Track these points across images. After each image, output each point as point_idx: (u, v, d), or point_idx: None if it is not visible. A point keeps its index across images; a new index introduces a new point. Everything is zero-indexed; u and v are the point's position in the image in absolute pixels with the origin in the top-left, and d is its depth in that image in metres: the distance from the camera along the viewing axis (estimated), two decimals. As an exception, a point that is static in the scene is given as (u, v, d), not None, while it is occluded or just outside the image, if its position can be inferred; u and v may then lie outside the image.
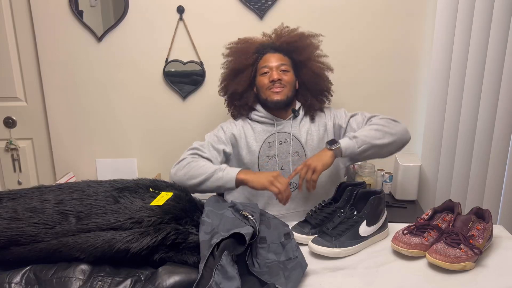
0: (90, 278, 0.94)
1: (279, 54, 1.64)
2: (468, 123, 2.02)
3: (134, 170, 2.36)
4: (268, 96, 1.62)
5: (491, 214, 1.23)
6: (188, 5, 2.14)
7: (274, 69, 1.61)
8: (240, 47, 1.70)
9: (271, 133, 1.65)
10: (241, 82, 1.66)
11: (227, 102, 1.76)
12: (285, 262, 1.06)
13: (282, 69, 1.62)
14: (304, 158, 1.63)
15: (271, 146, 1.64)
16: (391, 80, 2.19)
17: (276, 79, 1.59)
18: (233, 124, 1.70)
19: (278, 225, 1.17)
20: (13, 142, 2.36)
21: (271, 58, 1.63)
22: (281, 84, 1.60)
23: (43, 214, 1.04)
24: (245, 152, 1.64)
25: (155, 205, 1.07)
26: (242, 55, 1.66)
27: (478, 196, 2.06)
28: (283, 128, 1.65)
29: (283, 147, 1.64)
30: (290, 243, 1.11)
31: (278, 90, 1.60)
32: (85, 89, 2.28)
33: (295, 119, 1.67)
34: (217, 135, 1.66)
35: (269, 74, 1.62)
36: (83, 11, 2.17)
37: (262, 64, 1.64)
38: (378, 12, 2.11)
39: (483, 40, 1.91)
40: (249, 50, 1.66)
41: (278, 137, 1.64)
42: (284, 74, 1.62)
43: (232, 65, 1.69)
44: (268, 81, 1.61)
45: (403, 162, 2.09)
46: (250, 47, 1.67)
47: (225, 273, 0.91)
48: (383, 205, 1.27)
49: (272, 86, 1.60)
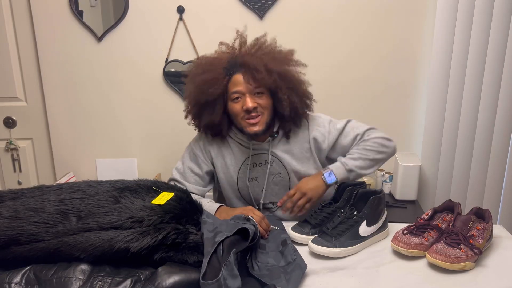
0: (90, 278, 0.94)
1: (247, 74, 1.38)
2: (468, 123, 2.02)
3: (134, 170, 2.36)
4: (245, 127, 1.41)
5: (491, 214, 1.23)
6: (188, 5, 2.14)
7: (247, 95, 1.37)
8: (207, 76, 1.40)
9: (249, 155, 1.49)
10: (214, 113, 1.43)
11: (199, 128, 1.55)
12: (285, 266, 1.07)
13: (256, 92, 1.38)
14: (287, 178, 1.49)
15: (251, 168, 1.49)
16: (391, 80, 2.19)
17: (251, 107, 1.36)
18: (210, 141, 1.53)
19: (275, 237, 1.19)
20: (13, 142, 2.36)
21: (239, 81, 1.38)
22: (257, 112, 1.38)
23: (44, 213, 1.04)
24: (222, 173, 1.51)
25: (156, 205, 1.08)
26: (211, 86, 1.39)
27: (478, 196, 2.06)
28: (261, 150, 1.49)
29: (263, 168, 1.49)
30: (287, 248, 1.13)
31: (255, 121, 1.38)
32: (85, 89, 2.28)
33: (274, 140, 1.49)
34: (194, 155, 1.52)
35: (241, 100, 1.38)
36: (83, 11, 2.17)
37: (232, 89, 1.39)
38: (378, 12, 2.11)
39: (483, 40, 1.91)
40: (217, 77, 1.39)
41: (257, 160, 1.49)
42: (259, 98, 1.39)
43: (200, 97, 1.42)
44: (241, 109, 1.38)
45: (403, 162, 2.09)
46: (217, 72, 1.40)
47: (231, 270, 0.92)
48: (383, 205, 1.27)
49: (248, 116, 1.38)
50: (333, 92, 2.24)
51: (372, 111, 2.25)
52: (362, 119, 2.24)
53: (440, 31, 2.00)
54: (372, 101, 2.23)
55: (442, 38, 2.00)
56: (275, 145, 1.49)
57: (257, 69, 1.36)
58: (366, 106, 2.24)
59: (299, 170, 1.49)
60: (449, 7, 1.96)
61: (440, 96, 2.07)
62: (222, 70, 1.40)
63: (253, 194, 1.51)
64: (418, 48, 2.14)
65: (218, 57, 1.45)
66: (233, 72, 1.39)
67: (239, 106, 1.39)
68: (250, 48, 1.45)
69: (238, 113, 1.40)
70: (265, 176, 1.49)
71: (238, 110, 1.40)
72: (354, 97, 2.23)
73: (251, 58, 1.39)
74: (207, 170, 1.51)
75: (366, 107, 2.24)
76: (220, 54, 1.46)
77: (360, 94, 2.22)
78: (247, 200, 1.53)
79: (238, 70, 1.39)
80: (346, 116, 2.23)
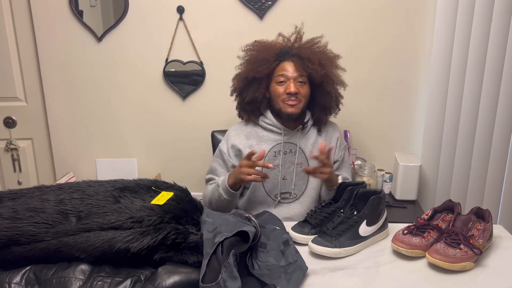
0: (90, 278, 0.94)
1: (297, 63, 1.56)
2: (468, 123, 2.02)
3: (134, 170, 2.36)
4: (282, 107, 1.57)
5: (491, 214, 1.23)
6: (188, 5, 2.14)
7: (292, 80, 1.55)
8: (259, 56, 1.59)
9: (277, 142, 1.62)
10: (258, 90, 1.60)
11: (238, 105, 1.70)
12: (285, 266, 1.07)
13: (299, 81, 1.56)
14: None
15: (276, 156, 1.62)
16: (391, 80, 2.19)
17: (293, 92, 1.53)
18: (235, 134, 1.67)
19: (277, 236, 1.19)
20: (13, 142, 2.36)
21: (288, 67, 1.56)
22: (297, 98, 1.55)
23: (44, 214, 1.04)
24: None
25: (155, 205, 1.08)
26: (261, 65, 1.57)
27: (478, 196, 2.06)
28: (289, 139, 1.63)
29: (287, 157, 1.62)
30: (289, 249, 1.13)
31: (293, 103, 1.55)
32: (85, 89, 2.28)
33: (303, 130, 1.64)
34: (220, 152, 1.67)
35: (285, 84, 1.56)
36: (83, 11, 2.17)
37: (279, 72, 1.57)
38: (378, 12, 2.11)
39: (483, 40, 1.91)
40: (268, 59, 1.57)
41: (284, 148, 1.62)
42: (301, 87, 1.56)
43: (249, 73, 1.59)
44: (283, 92, 1.55)
45: (403, 162, 2.09)
46: (269, 54, 1.58)
47: (231, 271, 0.92)
48: (383, 205, 1.27)
49: (288, 99, 1.55)
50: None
51: (372, 111, 2.25)
52: (362, 119, 2.25)
53: (440, 31, 2.00)
54: (372, 101, 2.23)
55: (442, 38, 2.00)
56: (304, 134, 1.65)
57: (311, 61, 1.53)
58: (366, 106, 2.24)
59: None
60: (449, 7, 1.96)
61: (440, 96, 2.07)
62: (273, 55, 1.58)
63: (273, 181, 1.62)
64: (418, 48, 2.14)
65: (273, 43, 1.63)
66: (283, 59, 1.57)
67: (282, 89, 1.56)
68: (306, 43, 1.63)
69: (279, 95, 1.57)
70: (286, 164, 1.63)
71: (280, 92, 1.56)
72: (354, 97, 2.23)
73: (306, 50, 1.56)
74: (231, 165, 1.64)
75: (366, 107, 2.24)
76: (274, 42, 1.64)
77: (360, 94, 2.22)
78: (268, 188, 1.64)
79: (289, 58, 1.57)
80: (346, 116, 2.24)
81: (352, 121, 2.26)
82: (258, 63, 1.57)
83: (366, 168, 2.15)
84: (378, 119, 2.26)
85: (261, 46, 1.62)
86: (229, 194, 1.53)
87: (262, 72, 1.56)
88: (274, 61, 1.57)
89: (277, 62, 1.58)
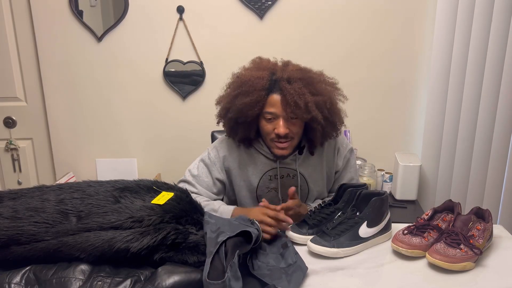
0: (90, 278, 0.94)
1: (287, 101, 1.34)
2: (468, 123, 2.02)
3: (134, 170, 2.36)
4: (272, 148, 1.42)
5: (491, 214, 1.23)
6: (188, 5, 2.14)
7: (281, 119, 1.35)
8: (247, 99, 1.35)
9: (272, 167, 1.49)
10: (249, 131, 1.43)
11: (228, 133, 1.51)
12: (285, 268, 1.07)
13: (289, 118, 1.35)
14: (306, 191, 1.52)
15: (272, 179, 1.50)
16: (391, 80, 2.19)
17: (283, 134, 1.35)
18: (228, 148, 1.51)
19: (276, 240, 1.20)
20: (13, 142, 2.36)
21: (277, 103, 1.34)
22: (288, 138, 1.38)
23: (44, 213, 1.04)
24: (243, 181, 1.51)
25: (155, 204, 1.08)
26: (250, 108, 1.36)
27: (478, 196, 2.06)
28: (286, 165, 1.49)
29: (284, 181, 1.50)
30: (288, 251, 1.13)
31: (284, 146, 1.39)
32: (85, 89, 2.28)
33: (299, 155, 1.49)
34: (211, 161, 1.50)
35: (274, 122, 1.37)
36: (83, 11, 2.17)
37: (267, 109, 1.36)
38: (378, 12, 2.11)
39: (483, 40, 1.91)
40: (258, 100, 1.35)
41: (280, 172, 1.50)
42: (292, 124, 1.37)
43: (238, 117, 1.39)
44: (272, 131, 1.37)
45: (403, 162, 2.09)
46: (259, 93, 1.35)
47: (235, 271, 0.92)
48: (386, 207, 1.26)
49: (278, 140, 1.38)
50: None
51: (372, 111, 2.25)
52: (362, 119, 2.25)
53: (440, 31, 2.00)
54: (372, 101, 2.23)
55: (442, 38, 2.00)
56: (300, 160, 1.49)
57: (297, 105, 1.32)
58: (366, 106, 2.24)
59: (320, 184, 1.53)
60: (449, 7, 1.96)
61: (440, 96, 2.07)
62: (263, 92, 1.35)
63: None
64: (418, 48, 2.14)
65: (259, 76, 1.37)
66: (272, 91, 1.36)
67: (271, 126, 1.38)
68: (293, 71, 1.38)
69: (268, 134, 1.40)
70: (284, 188, 1.47)
71: (269, 130, 1.39)
72: (354, 97, 2.22)
73: (292, 87, 1.33)
74: (220, 178, 1.50)
75: (366, 107, 2.24)
76: (260, 72, 1.39)
77: (360, 94, 2.22)
78: None
79: (277, 91, 1.35)
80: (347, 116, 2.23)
81: (352, 121, 2.26)
82: (247, 108, 1.36)
83: (366, 168, 2.15)
84: (378, 119, 2.26)
85: (248, 85, 1.36)
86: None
87: (252, 115, 1.37)
88: (264, 98, 1.36)
89: (266, 97, 1.36)
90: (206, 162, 1.51)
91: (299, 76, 1.37)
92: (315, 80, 1.40)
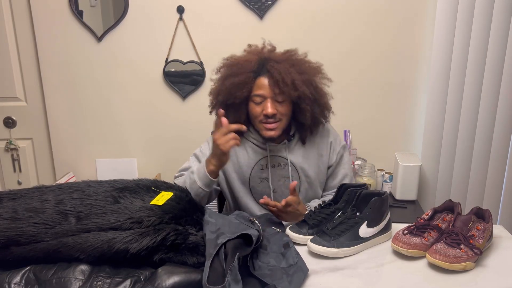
0: (90, 279, 0.94)
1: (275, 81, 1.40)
2: (468, 123, 2.02)
3: (134, 170, 2.36)
4: (261, 130, 1.46)
5: (491, 214, 1.23)
6: (188, 5, 2.14)
7: (269, 100, 1.40)
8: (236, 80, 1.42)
9: (263, 155, 1.52)
10: (239, 113, 1.47)
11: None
12: (286, 268, 1.07)
13: (277, 100, 1.41)
14: (298, 182, 1.53)
15: (263, 169, 1.52)
16: (391, 80, 2.19)
17: (271, 114, 1.40)
18: None
19: (277, 239, 1.19)
20: (13, 142, 2.36)
21: (265, 85, 1.40)
22: (276, 118, 1.42)
23: (43, 214, 1.04)
24: (235, 172, 1.54)
25: (155, 205, 1.07)
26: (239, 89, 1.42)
27: (478, 196, 2.06)
28: (276, 152, 1.52)
29: (276, 170, 1.52)
30: (289, 251, 1.12)
31: (272, 127, 1.43)
32: (85, 89, 2.28)
33: (290, 142, 1.53)
34: (201, 154, 1.54)
35: (263, 104, 1.42)
36: (83, 11, 2.17)
37: (256, 91, 1.42)
38: (378, 12, 2.11)
39: (483, 40, 1.91)
40: (246, 81, 1.41)
41: (271, 161, 1.52)
42: (279, 105, 1.41)
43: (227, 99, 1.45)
44: (261, 112, 1.42)
45: (403, 162, 2.09)
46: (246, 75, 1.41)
47: (235, 275, 0.92)
48: (386, 207, 1.26)
49: (266, 121, 1.42)
50: (333, 92, 2.23)
51: (372, 111, 2.25)
52: (362, 119, 2.25)
53: (440, 31, 2.00)
54: (372, 101, 2.23)
55: (442, 38, 2.00)
56: (291, 148, 1.53)
57: (284, 82, 1.38)
58: (366, 106, 2.24)
59: (311, 175, 1.54)
60: (449, 7, 1.96)
61: (440, 96, 2.07)
62: (251, 74, 1.42)
63: (263, 194, 1.52)
64: (418, 48, 2.14)
65: (248, 59, 1.45)
66: (260, 74, 1.42)
67: (259, 109, 1.43)
68: (279, 55, 1.46)
69: (257, 116, 1.44)
70: (276, 177, 1.53)
71: (257, 112, 1.44)
72: (354, 97, 2.23)
73: (279, 67, 1.39)
74: None
75: (366, 107, 2.24)
76: (249, 55, 1.47)
77: (360, 94, 2.22)
78: (258, 200, 1.55)
79: (264, 73, 1.41)
80: (346, 116, 2.24)
81: (352, 121, 2.26)
82: (235, 88, 1.42)
83: (366, 168, 2.15)
84: (378, 119, 2.26)
85: (236, 65, 1.44)
86: (206, 182, 1.39)
87: (241, 97, 1.43)
88: (252, 80, 1.42)
89: (254, 79, 1.42)
90: (197, 154, 1.56)
91: (285, 58, 1.44)
92: (300, 61, 1.47)
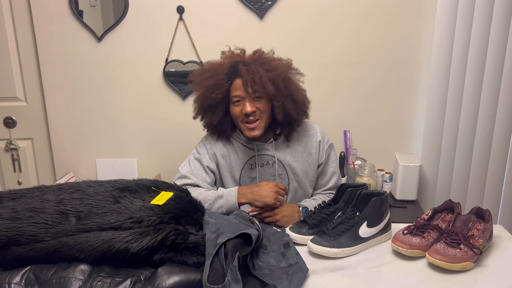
0: (90, 278, 0.94)
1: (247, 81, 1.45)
2: (468, 123, 2.02)
3: (134, 170, 2.36)
4: (244, 130, 1.51)
5: (491, 214, 1.23)
6: (188, 5, 2.14)
7: (247, 99, 1.46)
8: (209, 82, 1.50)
9: (252, 155, 1.57)
10: (215, 115, 1.53)
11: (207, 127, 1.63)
12: (286, 268, 1.07)
13: (255, 97, 1.46)
14: (287, 180, 1.58)
15: (253, 168, 1.57)
16: (391, 80, 2.19)
17: (250, 112, 1.45)
18: (215, 141, 1.60)
19: (277, 238, 1.20)
20: (13, 142, 2.36)
21: (239, 86, 1.46)
22: (256, 116, 1.47)
23: (44, 214, 1.04)
24: (227, 172, 1.58)
25: (155, 205, 1.07)
26: (213, 91, 1.49)
27: (478, 196, 2.06)
28: (264, 151, 1.57)
29: (265, 169, 1.57)
30: (289, 251, 1.13)
31: (253, 126, 1.47)
32: (85, 89, 2.28)
33: (277, 141, 1.57)
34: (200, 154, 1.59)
35: (241, 104, 1.47)
36: (83, 11, 2.17)
37: (233, 93, 1.48)
38: (378, 12, 2.11)
39: (483, 40, 1.91)
40: (219, 83, 1.48)
41: (259, 160, 1.56)
42: (258, 102, 1.46)
43: (204, 101, 1.53)
44: (241, 112, 1.47)
45: (403, 162, 2.09)
46: (219, 77, 1.49)
47: (235, 274, 0.92)
48: (386, 207, 1.26)
49: (246, 119, 1.47)
50: (333, 92, 2.24)
51: (372, 111, 2.25)
52: (362, 119, 2.25)
53: (440, 31, 2.00)
54: (372, 101, 2.23)
55: (442, 38, 2.00)
56: (277, 146, 1.57)
57: (254, 80, 1.44)
58: (366, 106, 2.24)
59: (298, 172, 1.58)
60: (449, 7, 1.96)
61: (440, 96, 2.07)
62: (224, 76, 1.49)
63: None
64: (418, 48, 2.14)
65: (221, 63, 1.54)
66: (235, 77, 1.48)
67: (239, 109, 1.48)
68: (249, 57, 1.54)
69: (238, 116, 1.50)
70: (265, 177, 1.57)
71: (238, 113, 1.49)
72: (354, 97, 2.23)
73: (249, 67, 1.46)
74: (211, 167, 1.58)
75: (366, 107, 2.24)
76: (222, 60, 1.55)
77: (360, 94, 2.22)
78: None
79: (237, 75, 1.47)
80: (346, 116, 2.24)
81: (352, 121, 2.27)
82: (210, 90, 1.49)
83: (366, 168, 2.15)
84: (378, 119, 2.26)
85: (210, 69, 1.53)
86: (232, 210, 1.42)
87: (216, 98, 1.49)
88: (226, 82, 1.48)
89: (229, 82, 1.49)
90: (196, 156, 1.60)
91: (255, 59, 1.51)
92: (269, 59, 1.52)
